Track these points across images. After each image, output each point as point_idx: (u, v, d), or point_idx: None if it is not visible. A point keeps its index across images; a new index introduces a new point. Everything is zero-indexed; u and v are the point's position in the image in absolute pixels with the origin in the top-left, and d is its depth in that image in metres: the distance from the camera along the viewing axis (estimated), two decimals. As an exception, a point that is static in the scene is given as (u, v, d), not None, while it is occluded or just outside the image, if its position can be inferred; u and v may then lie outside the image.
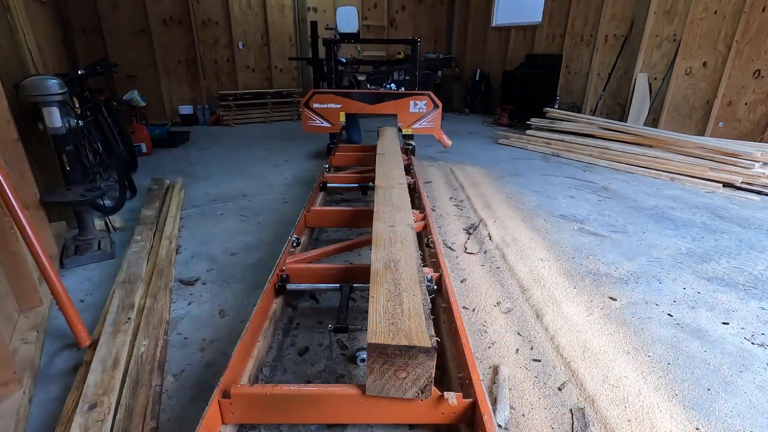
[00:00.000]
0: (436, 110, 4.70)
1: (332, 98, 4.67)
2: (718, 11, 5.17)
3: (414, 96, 4.68)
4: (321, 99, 4.68)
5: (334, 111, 4.70)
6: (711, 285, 2.52)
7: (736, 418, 1.61)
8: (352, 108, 4.69)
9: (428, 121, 4.73)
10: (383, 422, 1.53)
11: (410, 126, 4.74)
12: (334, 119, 4.73)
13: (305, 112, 4.70)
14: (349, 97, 4.67)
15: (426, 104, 4.68)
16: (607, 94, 6.60)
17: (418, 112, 4.69)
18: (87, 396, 1.57)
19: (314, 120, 4.72)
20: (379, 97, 4.71)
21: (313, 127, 4.77)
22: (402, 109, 4.69)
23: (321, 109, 4.69)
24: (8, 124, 2.31)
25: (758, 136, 5.01)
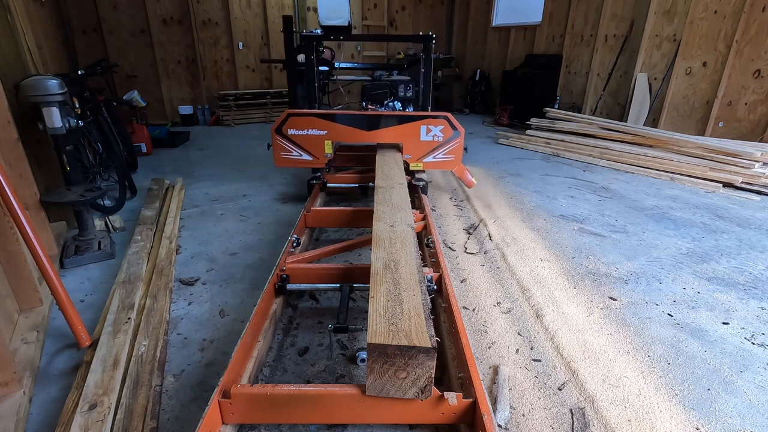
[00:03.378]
0: (457, 138, 3.45)
1: (314, 122, 3.41)
2: (718, 11, 5.17)
3: (427, 119, 3.44)
4: (299, 123, 3.41)
5: (317, 139, 3.47)
6: (711, 285, 2.52)
7: (736, 418, 1.61)
8: (342, 135, 3.48)
9: (446, 152, 3.51)
10: (383, 422, 1.53)
11: (420, 159, 3.54)
12: (318, 150, 3.49)
13: (277, 141, 3.44)
14: (337, 120, 3.46)
15: (443, 130, 3.43)
16: (607, 94, 6.60)
17: (432, 141, 3.46)
18: (87, 396, 1.57)
19: (290, 151, 3.48)
20: (379, 121, 3.50)
21: (289, 161, 3.53)
22: (409, 137, 3.47)
23: (299, 136, 3.45)
24: (8, 125, 2.31)
25: (758, 136, 5.01)
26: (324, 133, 3.44)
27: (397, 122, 3.45)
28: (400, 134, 3.47)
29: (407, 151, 3.51)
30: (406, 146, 3.49)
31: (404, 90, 4.23)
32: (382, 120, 3.46)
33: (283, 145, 3.48)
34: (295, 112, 3.42)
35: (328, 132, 3.43)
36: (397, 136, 3.48)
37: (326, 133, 3.43)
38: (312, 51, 3.77)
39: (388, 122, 3.46)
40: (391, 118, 3.48)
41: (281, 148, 3.50)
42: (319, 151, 3.49)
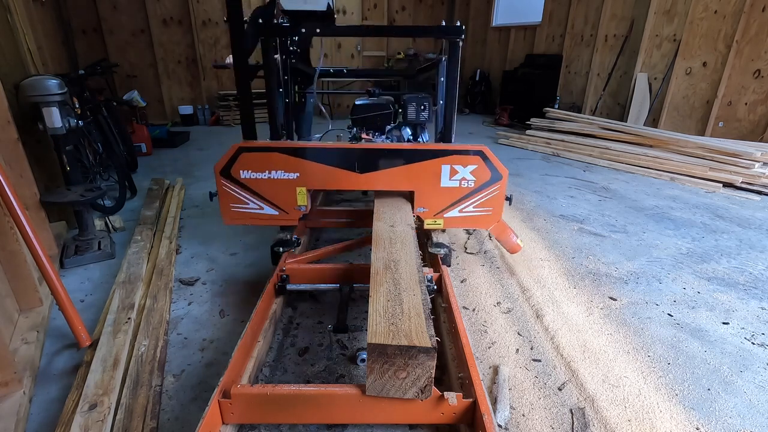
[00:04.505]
0: (497, 183, 2.27)
1: (279, 161, 2.22)
2: (718, 11, 5.17)
3: (451, 156, 2.22)
4: (256, 162, 2.22)
5: (284, 185, 2.26)
6: (711, 285, 2.52)
7: (736, 418, 1.61)
8: (323, 179, 2.27)
9: (479, 204, 2.31)
10: (383, 422, 1.53)
11: (440, 215, 2.35)
12: (286, 201, 2.29)
13: (224, 188, 2.26)
14: (313, 157, 2.22)
15: (476, 172, 2.24)
16: (607, 94, 6.60)
17: (459, 188, 2.28)
18: (87, 396, 1.57)
19: (245, 202, 2.29)
20: (378, 158, 2.26)
21: (244, 216, 2.33)
22: (424, 181, 2.27)
23: (257, 182, 2.25)
24: (8, 125, 2.31)
25: (758, 136, 5.01)
26: (295, 177, 2.22)
27: (405, 160, 2.22)
28: (409, 178, 2.25)
29: (421, 202, 2.30)
30: (419, 195, 2.28)
31: (416, 110, 2.80)
32: (383, 156, 2.23)
33: (234, 194, 2.25)
34: (250, 145, 2.19)
35: (301, 175, 2.21)
36: (406, 180, 2.26)
37: (298, 176, 2.22)
38: (274, 51, 2.53)
39: (391, 160, 2.23)
40: (397, 154, 2.22)
41: (230, 197, 2.26)
42: (288, 201, 2.27)
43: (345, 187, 2.31)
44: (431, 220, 2.37)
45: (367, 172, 2.26)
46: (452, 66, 2.38)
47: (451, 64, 2.39)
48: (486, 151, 2.19)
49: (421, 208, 2.33)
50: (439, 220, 2.37)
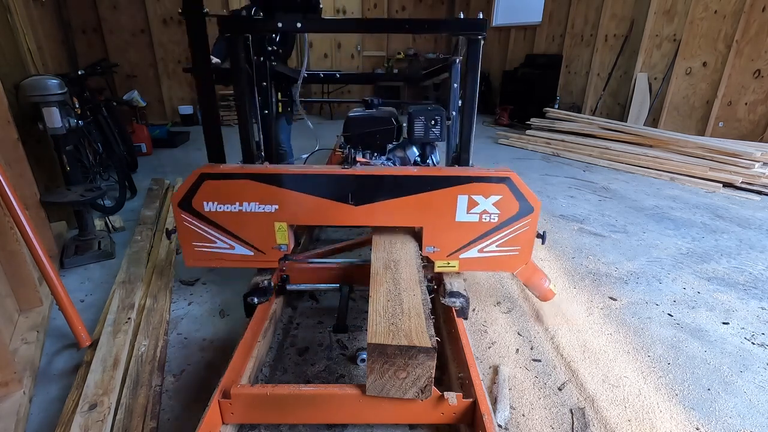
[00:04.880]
0: (527, 217, 1.86)
1: (252, 189, 1.85)
2: (718, 11, 5.17)
3: (470, 184, 1.82)
4: (223, 192, 1.85)
5: (259, 220, 1.88)
6: (711, 285, 2.52)
7: (736, 418, 1.61)
8: (307, 212, 1.89)
9: (503, 243, 1.91)
10: (383, 422, 1.53)
11: (455, 255, 1.94)
12: (262, 239, 1.93)
13: (184, 224, 1.90)
14: (295, 185, 1.84)
15: (501, 203, 1.84)
16: (607, 94, 6.60)
17: (478, 223, 1.87)
18: (87, 396, 1.57)
19: (211, 240, 1.92)
20: (376, 186, 1.86)
21: (210, 257, 1.96)
22: (435, 214, 1.87)
23: (225, 216, 1.88)
24: (8, 124, 2.31)
25: (758, 136, 5.01)
26: (272, 210, 1.84)
27: (412, 189, 1.81)
28: (417, 211, 1.84)
29: (430, 239, 1.89)
30: (429, 232, 1.87)
31: (425, 125, 2.26)
32: (384, 184, 1.82)
33: (196, 231, 1.87)
34: (215, 170, 1.81)
35: (281, 207, 1.83)
36: (413, 214, 1.85)
37: (276, 209, 1.84)
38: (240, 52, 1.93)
39: (394, 188, 1.82)
40: (402, 182, 1.81)
41: (192, 235, 1.88)
42: (265, 239, 1.89)
43: (336, 223, 1.89)
44: (443, 262, 1.93)
45: (363, 203, 1.83)
46: (471, 69, 1.92)
47: (469, 66, 1.93)
48: (514, 178, 1.77)
49: (431, 247, 1.89)
50: (453, 262, 1.93)
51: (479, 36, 1.86)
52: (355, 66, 8.85)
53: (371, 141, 2.37)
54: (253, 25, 2.05)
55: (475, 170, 1.85)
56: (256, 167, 1.91)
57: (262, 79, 2.37)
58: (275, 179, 1.82)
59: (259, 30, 2.12)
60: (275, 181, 1.82)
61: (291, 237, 1.94)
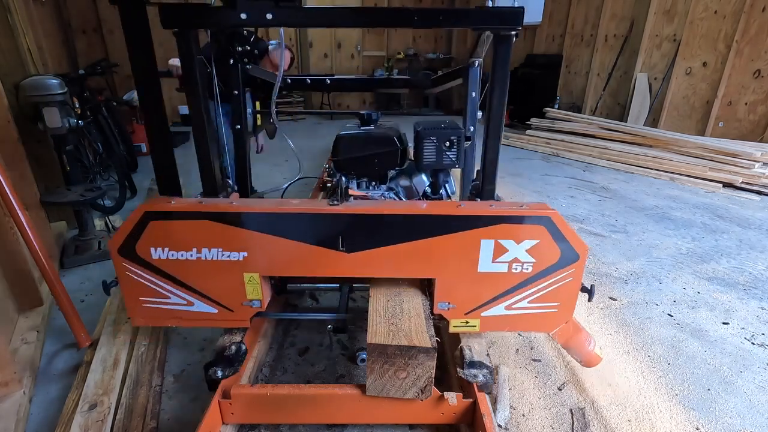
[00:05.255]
0: (570, 266, 1.45)
1: (213, 232, 1.42)
2: (718, 11, 5.17)
3: (497, 225, 1.40)
4: (175, 235, 1.43)
5: (224, 271, 1.47)
6: (711, 285, 2.52)
7: (736, 418, 1.61)
8: (286, 263, 1.48)
9: (539, 298, 1.50)
10: (383, 422, 1.53)
11: (475, 313, 1.53)
12: (228, 293, 1.52)
13: (127, 274, 1.47)
14: (271, 227, 1.42)
15: (536, 250, 1.42)
16: (607, 94, 6.60)
17: (507, 274, 1.46)
18: (87, 396, 1.57)
19: (163, 296, 1.51)
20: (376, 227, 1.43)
21: (162, 315, 1.55)
22: (451, 264, 1.46)
23: (179, 265, 1.46)
24: (8, 124, 2.31)
25: (758, 136, 5.01)
26: (240, 258, 1.45)
27: (421, 231, 1.43)
28: (427, 258, 1.46)
29: (444, 294, 1.50)
30: (441, 285, 1.49)
31: (438, 148, 1.84)
32: (384, 226, 1.43)
33: (143, 283, 1.49)
34: (164, 207, 1.42)
35: (251, 255, 1.45)
36: (422, 263, 1.47)
37: (245, 257, 1.45)
38: (193, 52, 1.51)
39: (397, 230, 1.44)
40: (408, 222, 1.43)
41: (138, 288, 1.50)
42: (232, 294, 1.51)
43: (322, 273, 1.49)
44: (461, 321, 1.54)
45: (357, 250, 1.43)
46: (499, 74, 1.46)
47: (496, 70, 1.46)
48: (554, 217, 1.37)
49: (444, 303, 1.50)
50: (473, 322, 1.54)
51: (512, 31, 1.41)
52: (355, 66, 8.84)
53: (368, 167, 1.89)
54: (207, 18, 1.44)
55: (503, 207, 1.42)
56: (218, 203, 1.47)
57: (232, 87, 1.97)
58: (242, 219, 1.40)
59: (216, 24, 1.56)
60: (243, 221, 1.40)
61: (267, 290, 1.53)
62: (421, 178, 1.99)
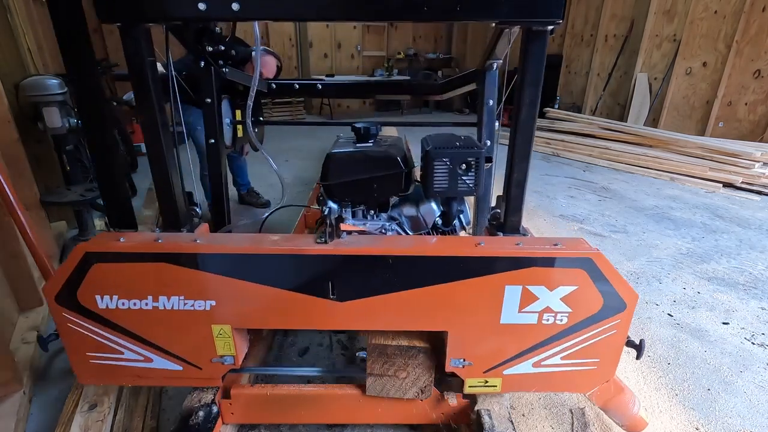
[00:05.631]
0: (614, 317, 1.18)
1: (172, 276, 1.15)
2: (718, 11, 5.17)
3: (527, 270, 1.13)
4: (125, 280, 1.15)
5: (188, 322, 1.21)
6: (711, 285, 2.52)
7: (736, 418, 1.61)
8: (264, 314, 1.22)
9: (573, 355, 1.24)
10: (383, 422, 1.53)
11: (496, 371, 1.27)
12: (194, 348, 1.26)
13: (68, 325, 1.22)
14: (243, 271, 1.16)
15: (574, 297, 1.16)
16: (607, 94, 6.60)
17: (536, 326, 1.20)
18: (87, 396, 1.57)
19: (114, 351, 1.25)
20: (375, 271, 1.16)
21: (115, 373, 1.29)
22: (467, 314, 1.20)
23: (131, 315, 1.19)
24: (8, 124, 2.31)
25: (758, 136, 5.01)
26: (207, 307, 1.20)
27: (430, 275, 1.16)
28: (437, 308, 1.20)
29: (459, 349, 1.26)
30: (455, 338, 1.25)
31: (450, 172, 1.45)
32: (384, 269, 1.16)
33: (89, 336, 1.24)
34: (108, 247, 1.15)
35: (220, 304, 1.20)
36: (430, 312, 1.21)
37: (213, 306, 1.20)
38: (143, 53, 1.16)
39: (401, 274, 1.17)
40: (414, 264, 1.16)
41: (85, 342, 1.25)
42: (198, 349, 1.27)
43: (308, 326, 1.31)
44: (478, 381, 1.30)
45: (352, 298, 1.18)
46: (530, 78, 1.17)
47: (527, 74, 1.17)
48: (597, 260, 1.12)
49: (458, 360, 1.26)
50: (493, 381, 1.30)
51: (549, 25, 1.08)
52: (355, 66, 8.84)
53: (365, 193, 1.58)
54: (155, 9, 1.10)
55: (533, 246, 1.15)
56: (178, 241, 1.18)
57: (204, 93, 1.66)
58: (208, 261, 1.14)
59: (169, 17, 1.13)
60: (208, 264, 1.14)
61: (241, 343, 1.30)
62: (431, 207, 1.64)
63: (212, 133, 1.72)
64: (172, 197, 1.28)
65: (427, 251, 1.15)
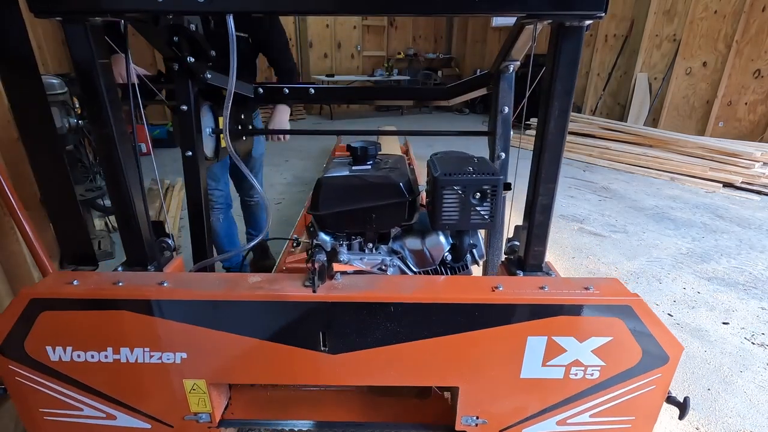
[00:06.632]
0: (655, 372, 1.03)
1: (135, 325, 0.97)
2: (718, 11, 5.17)
3: (553, 319, 0.96)
4: (79, 329, 0.97)
5: (157, 376, 1.03)
6: (711, 285, 2.52)
7: (736, 418, 1.61)
8: (244, 368, 1.05)
9: (604, 412, 1.08)
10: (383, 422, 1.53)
11: (514, 429, 1.10)
12: (164, 405, 1.08)
13: (16, 379, 1.02)
14: (217, 320, 0.97)
15: (608, 349, 0.98)
16: (607, 94, 6.60)
17: (563, 381, 1.02)
18: (87, 396, 1.57)
19: (73, 408, 1.06)
20: (374, 320, 0.98)
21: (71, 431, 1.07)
22: (482, 368, 1.02)
23: (90, 368, 1.01)
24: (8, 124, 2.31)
25: (758, 136, 5.02)
26: (177, 360, 1.01)
27: (439, 324, 0.98)
28: (446, 361, 1.03)
29: (471, 406, 1.09)
30: (467, 394, 1.07)
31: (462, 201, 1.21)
32: (384, 317, 0.98)
33: (43, 392, 1.05)
34: (58, 293, 0.97)
35: (192, 356, 1.01)
36: (437, 366, 1.04)
37: (183, 359, 1.01)
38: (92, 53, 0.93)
39: (404, 323, 0.98)
40: (419, 312, 0.98)
41: (36, 398, 1.06)
42: (170, 406, 1.08)
43: (295, 382, 1.22)
44: None
45: (347, 350, 1.02)
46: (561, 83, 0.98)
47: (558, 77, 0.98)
48: (637, 307, 0.96)
49: (470, 418, 1.11)
50: None
51: (587, 20, 0.92)
52: (355, 66, 8.85)
53: (363, 225, 1.37)
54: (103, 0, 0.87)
55: (560, 292, 0.98)
56: (141, 284, 1.00)
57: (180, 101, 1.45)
58: (176, 309, 0.98)
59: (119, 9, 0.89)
60: (176, 312, 0.98)
61: (219, 398, 1.18)
62: (439, 240, 1.41)
63: (188, 144, 1.47)
64: (136, 227, 1.09)
65: (436, 298, 0.98)
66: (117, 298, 0.96)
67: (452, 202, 1.21)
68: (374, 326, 0.99)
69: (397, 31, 9.18)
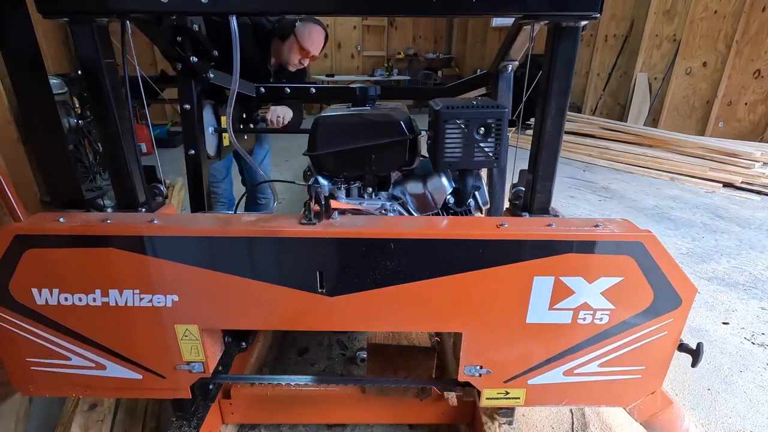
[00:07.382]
0: (667, 316, 0.98)
1: (125, 264, 0.94)
2: (718, 11, 5.17)
3: (562, 257, 0.93)
4: (67, 269, 0.94)
5: (146, 321, 1.00)
6: (711, 285, 2.52)
7: (735, 417, 1.61)
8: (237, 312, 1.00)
9: (613, 361, 1.04)
10: (383, 422, 1.53)
11: (519, 380, 1.07)
12: (154, 353, 1.05)
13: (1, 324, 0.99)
14: (211, 258, 0.94)
15: (618, 290, 0.95)
16: (607, 94, 6.60)
17: (570, 326, 0.99)
18: (87, 396, 1.57)
19: (62, 356, 1.03)
20: (375, 258, 0.94)
21: (59, 382, 1.07)
22: (486, 312, 0.99)
23: (78, 312, 0.98)
24: (8, 124, 2.31)
25: (758, 136, 5.02)
26: (169, 303, 0.98)
27: (441, 263, 0.95)
28: (449, 304, 0.99)
29: (475, 354, 1.05)
30: (471, 341, 1.03)
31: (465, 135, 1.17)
32: (384, 255, 0.94)
33: (28, 338, 1.01)
34: (46, 229, 0.95)
35: (184, 299, 0.98)
36: (440, 310, 1.00)
37: (175, 302, 0.98)
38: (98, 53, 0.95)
39: (405, 262, 0.95)
40: (421, 249, 0.94)
41: (22, 345, 1.02)
42: (161, 354, 1.05)
43: (292, 327, 1.12)
44: (498, 392, 1.10)
45: (345, 292, 0.97)
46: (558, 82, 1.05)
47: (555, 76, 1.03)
48: (649, 243, 0.91)
49: (474, 367, 1.06)
50: (515, 392, 1.10)
51: (582, 20, 0.93)
52: (355, 66, 8.86)
53: (361, 166, 1.31)
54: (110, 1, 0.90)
55: (568, 227, 0.96)
56: (131, 221, 0.96)
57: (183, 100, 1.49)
58: (168, 247, 0.93)
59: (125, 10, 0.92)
60: (168, 250, 0.93)
61: (213, 347, 1.10)
62: (441, 183, 1.36)
63: (191, 143, 1.49)
64: (125, 170, 1.04)
65: (438, 234, 0.93)
66: (105, 234, 0.92)
67: (455, 138, 1.16)
68: (373, 266, 0.94)
69: (397, 31, 9.18)
